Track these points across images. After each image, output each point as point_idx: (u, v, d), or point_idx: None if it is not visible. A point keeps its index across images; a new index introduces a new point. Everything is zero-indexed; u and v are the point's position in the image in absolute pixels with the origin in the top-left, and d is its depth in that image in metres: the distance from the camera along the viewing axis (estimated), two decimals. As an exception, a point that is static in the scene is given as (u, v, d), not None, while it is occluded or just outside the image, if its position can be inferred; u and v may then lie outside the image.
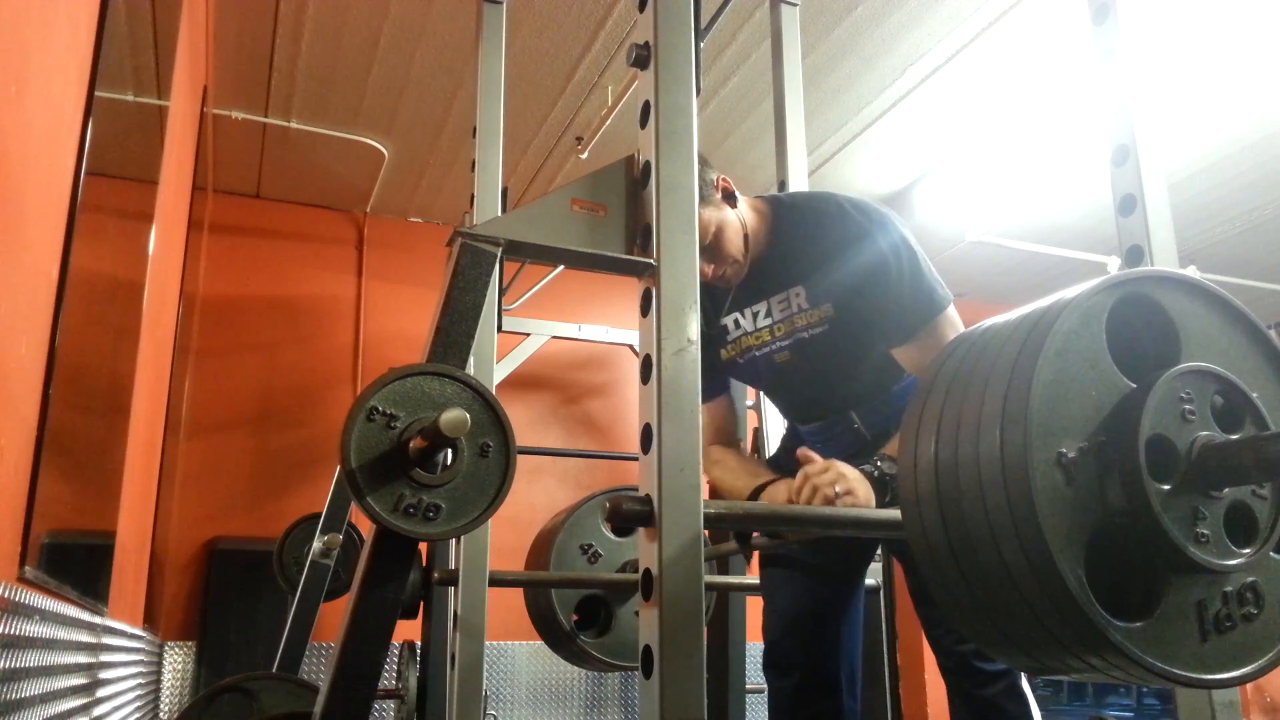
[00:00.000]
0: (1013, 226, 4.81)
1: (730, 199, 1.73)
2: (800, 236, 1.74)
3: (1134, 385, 0.86)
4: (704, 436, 1.90)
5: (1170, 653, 0.83)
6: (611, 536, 2.77)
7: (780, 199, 1.83)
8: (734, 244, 1.73)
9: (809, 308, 1.73)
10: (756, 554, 1.91)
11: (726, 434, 1.92)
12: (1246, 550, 0.86)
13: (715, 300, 1.85)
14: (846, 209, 1.72)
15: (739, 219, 1.74)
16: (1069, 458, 0.82)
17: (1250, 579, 0.88)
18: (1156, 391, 0.84)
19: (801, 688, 1.84)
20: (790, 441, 2.01)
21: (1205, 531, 0.84)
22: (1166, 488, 0.84)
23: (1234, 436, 0.87)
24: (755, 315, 1.80)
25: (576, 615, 2.71)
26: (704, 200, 1.68)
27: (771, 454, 2.15)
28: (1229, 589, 0.87)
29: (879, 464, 1.56)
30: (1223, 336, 0.92)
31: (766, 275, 1.77)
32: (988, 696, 1.73)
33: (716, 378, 1.90)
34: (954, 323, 1.67)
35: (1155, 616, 0.83)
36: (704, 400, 1.90)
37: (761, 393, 2.26)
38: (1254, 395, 0.90)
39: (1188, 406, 0.86)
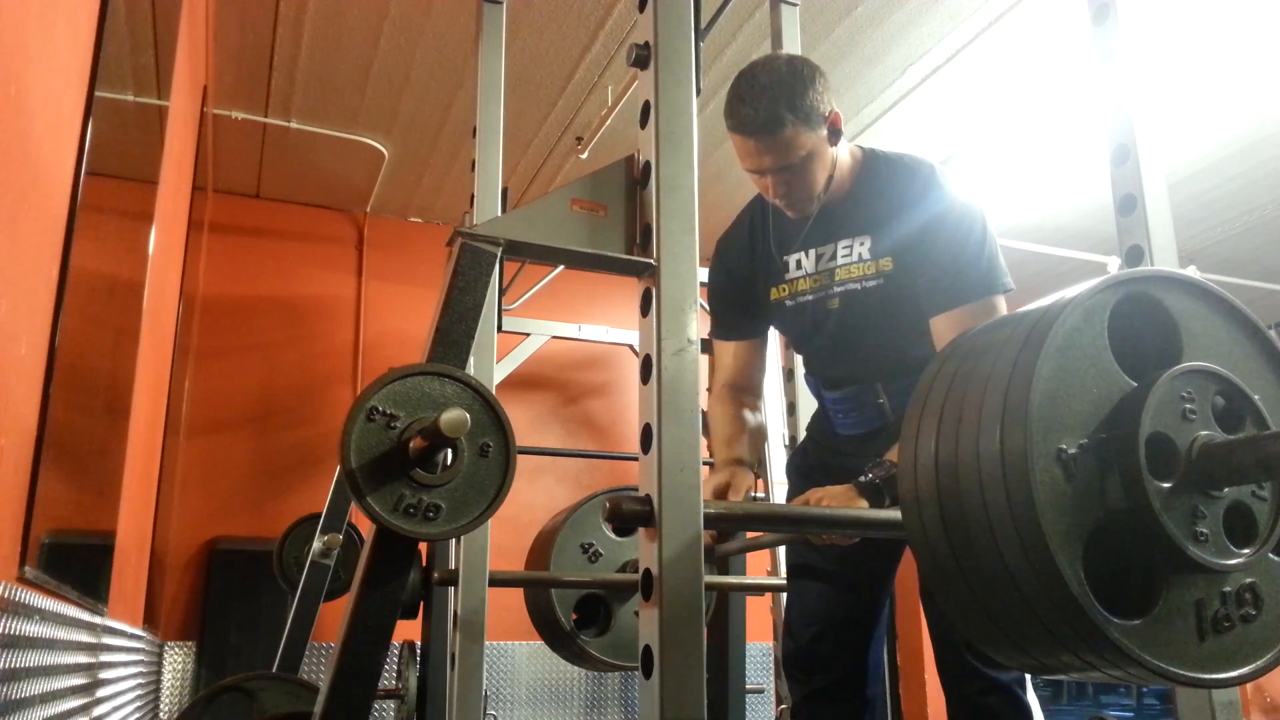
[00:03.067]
0: (1013, 226, 4.81)
1: (835, 135, 1.69)
2: (880, 187, 1.72)
3: (1135, 384, 0.86)
4: (719, 375, 1.90)
5: (1168, 652, 0.83)
6: (612, 536, 2.77)
7: (876, 150, 1.79)
8: (814, 176, 1.68)
9: (870, 259, 1.71)
10: (785, 561, 1.93)
11: (744, 377, 1.88)
12: (1245, 551, 0.86)
13: (783, 236, 1.82)
14: (936, 172, 1.70)
15: (832, 157, 1.70)
16: (1069, 454, 0.82)
17: (1249, 580, 0.88)
18: (1157, 390, 0.84)
19: (825, 691, 1.84)
20: (817, 426, 1.96)
21: (1204, 531, 0.84)
22: (1166, 486, 0.84)
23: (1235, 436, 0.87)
24: (820, 257, 1.77)
25: (576, 614, 2.70)
26: (811, 125, 1.63)
27: (800, 440, 2.11)
28: (1228, 589, 0.87)
29: (873, 472, 1.55)
30: (1225, 338, 0.92)
31: (840, 219, 1.75)
32: (989, 704, 1.70)
33: (757, 319, 1.88)
34: (1001, 311, 1.63)
35: (1153, 615, 0.83)
36: (734, 338, 1.90)
37: (796, 350, 2.14)
38: (1255, 397, 0.90)
39: (1189, 406, 0.86)
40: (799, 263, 1.79)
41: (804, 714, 1.85)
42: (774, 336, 1.98)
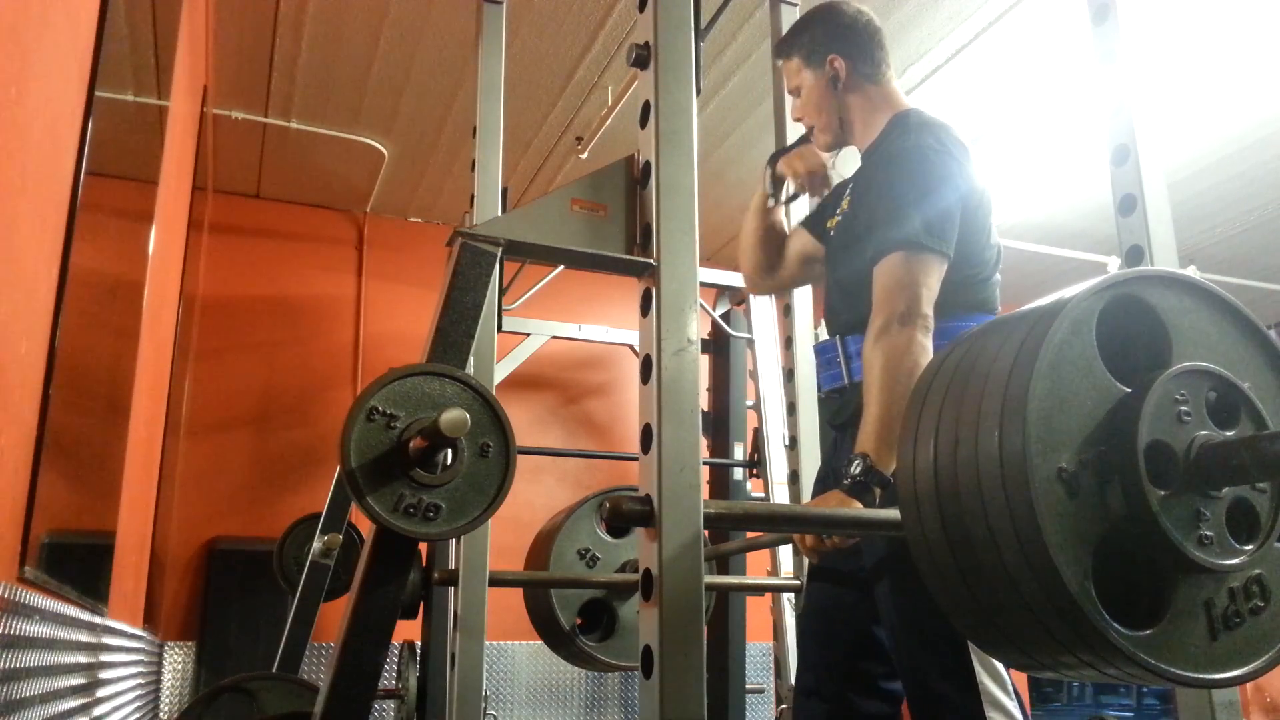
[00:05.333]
0: (1013, 226, 4.81)
1: (834, 80, 1.82)
2: (881, 135, 1.80)
3: (1128, 389, 0.86)
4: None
5: (1181, 655, 0.83)
6: (607, 538, 2.76)
7: (911, 109, 1.83)
8: (814, 110, 1.84)
9: (845, 197, 1.81)
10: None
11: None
12: (1249, 547, 0.86)
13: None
14: (920, 123, 1.71)
15: (834, 98, 1.82)
16: (1069, 472, 0.82)
17: (1255, 572, 0.88)
18: (1152, 398, 0.84)
19: (806, 688, 1.82)
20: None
21: (1208, 533, 0.84)
22: (1168, 493, 0.83)
23: (1230, 433, 0.87)
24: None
25: (580, 619, 2.70)
26: (807, 62, 1.84)
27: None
28: (1235, 585, 0.87)
29: (855, 472, 1.51)
30: (1212, 329, 0.92)
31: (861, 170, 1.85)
32: None
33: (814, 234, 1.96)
34: (921, 264, 1.55)
35: (1165, 621, 0.83)
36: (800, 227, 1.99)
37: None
38: (1245, 385, 0.89)
39: (1183, 408, 0.86)
40: (841, 206, 1.88)
41: (794, 712, 1.85)
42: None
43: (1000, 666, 1.54)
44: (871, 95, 1.82)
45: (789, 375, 2.52)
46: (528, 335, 4.60)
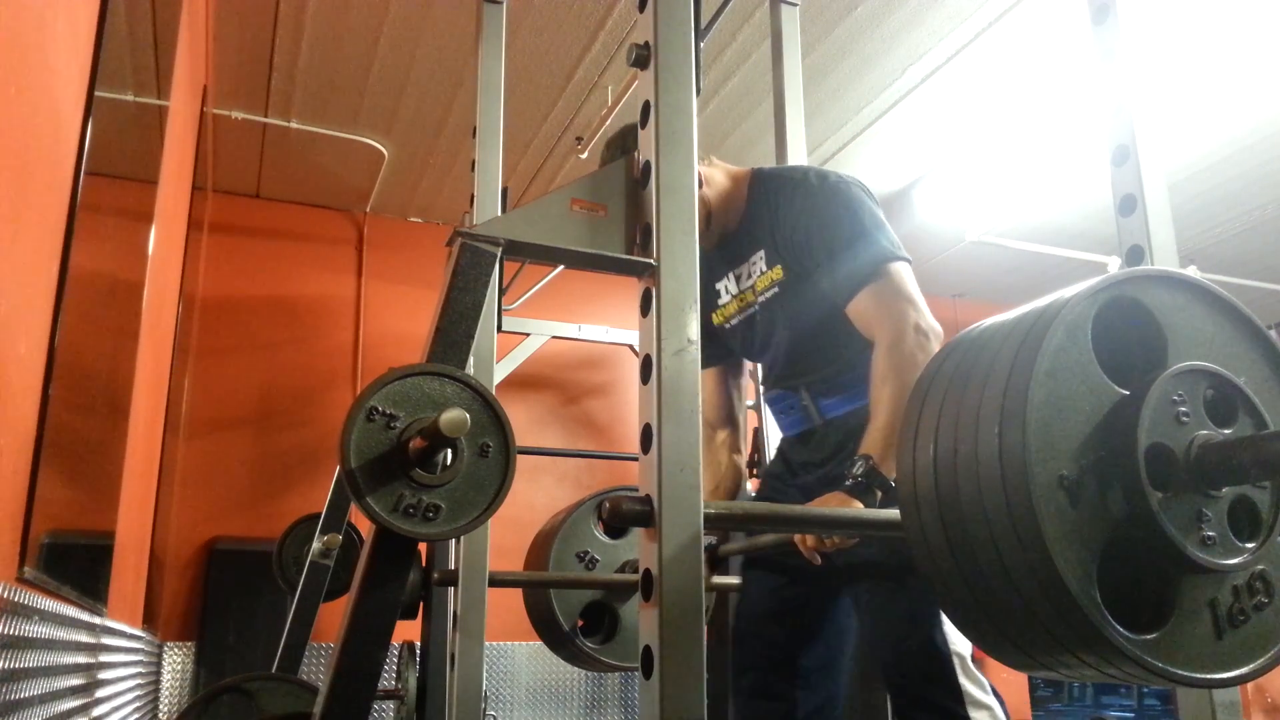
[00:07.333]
0: (1013, 226, 4.81)
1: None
2: (766, 203, 1.83)
3: (1125, 392, 0.86)
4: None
5: (1187, 656, 0.83)
6: (605, 540, 2.76)
7: (760, 170, 1.91)
8: None
9: (766, 270, 1.81)
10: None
11: (716, 409, 1.99)
12: (1250, 544, 0.86)
13: (713, 266, 1.92)
14: (809, 175, 1.79)
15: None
16: (1070, 479, 0.81)
17: (1259, 568, 0.88)
18: (1150, 401, 0.84)
19: (748, 687, 1.83)
20: (781, 444, 2.00)
21: (1211, 533, 0.84)
22: (1168, 495, 0.83)
23: (1227, 431, 0.87)
24: (738, 279, 1.88)
25: (582, 620, 2.69)
26: None
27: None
28: (1238, 582, 0.87)
29: (855, 472, 1.55)
30: (1207, 325, 0.92)
31: (743, 241, 1.86)
32: None
33: (712, 345, 1.96)
34: (905, 277, 1.67)
35: (1171, 624, 0.83)
36: (704, 365, 1.98)
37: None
38: (1242, 380, 0.89)
39: (1181, 409, 0.86)
40: (726, 288, 1.92)
41: (739, 713, 1.84)
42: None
43: (974, 666, 1.57)
44: (717, 176, 1.90)
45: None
46: (528, 335, 4.60)
